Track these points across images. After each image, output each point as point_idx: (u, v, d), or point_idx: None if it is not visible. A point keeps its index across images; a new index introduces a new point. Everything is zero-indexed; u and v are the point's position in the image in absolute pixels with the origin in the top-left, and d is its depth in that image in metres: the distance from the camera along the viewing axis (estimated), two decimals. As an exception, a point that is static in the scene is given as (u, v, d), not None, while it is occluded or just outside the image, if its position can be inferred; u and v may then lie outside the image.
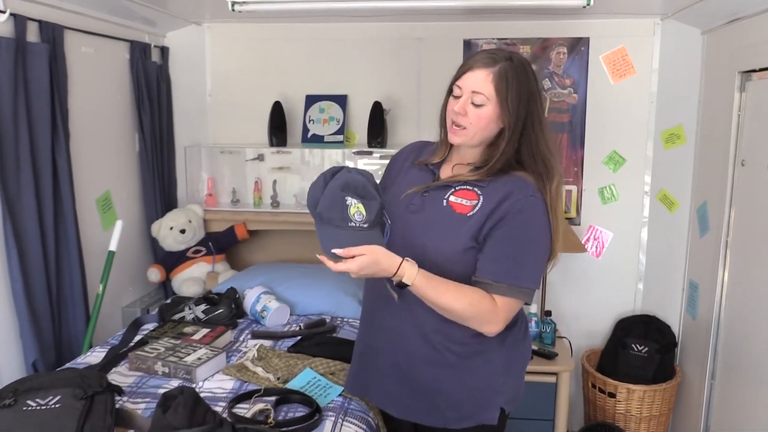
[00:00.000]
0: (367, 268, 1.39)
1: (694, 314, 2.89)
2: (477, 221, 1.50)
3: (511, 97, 1.47)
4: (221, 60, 3.31)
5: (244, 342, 2.34)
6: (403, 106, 3.18)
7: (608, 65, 3.05)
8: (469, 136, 1.52)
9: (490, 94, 1.47)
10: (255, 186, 3.25)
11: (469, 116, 1.50)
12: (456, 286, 1.48)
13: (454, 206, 1.53)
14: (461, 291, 1.47)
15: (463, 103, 1.50)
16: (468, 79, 1.50)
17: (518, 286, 1.48)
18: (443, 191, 1.56)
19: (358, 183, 1.43)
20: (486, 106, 1.48)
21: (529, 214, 1.49)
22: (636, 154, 3.09)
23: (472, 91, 1.48)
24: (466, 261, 1.52)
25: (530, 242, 1.50)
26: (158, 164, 3.10)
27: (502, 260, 1.48)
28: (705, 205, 2.79)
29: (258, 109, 3.19)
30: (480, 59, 1.50)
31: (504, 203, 1.48)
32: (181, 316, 2.49)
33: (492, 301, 1.47)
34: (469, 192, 1.54)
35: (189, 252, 3.03)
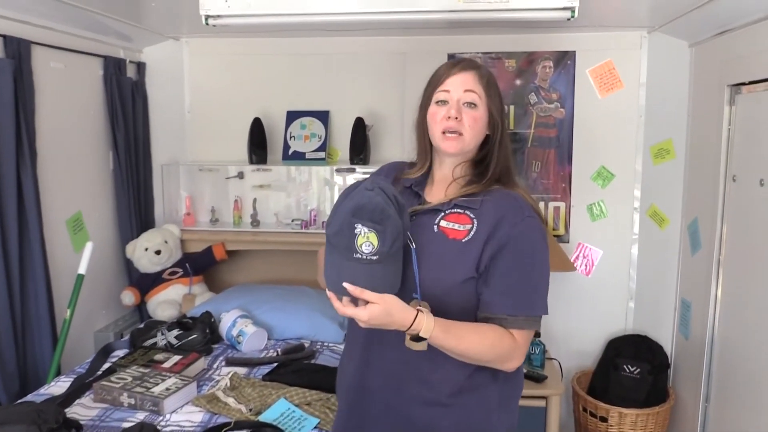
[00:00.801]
0: (377, 319, 1.26)
1: (687, 334, 2.80)
2: (475, 248, 1.38)
3: (495, 101, 1.44)
4: (200, 75, 3.23)
5: (217, 369, 2.24)
6: (387, 121, 3.10)
7: (595, 79, 2.99)
8: (465, 142, 1.42)
9: (482, 94, 1.42)
10: (235, 205, 3.16)
11: (465, 120, 1.41)
12: (474, 328, 1.36)
13: (447, 232, 1.41)
14: (480, 333, 1.36)
15: (455, 106, 1.41)
16: (457, 81, 1.42)
17: (534, 316, 1.39)
18: (432, 216, 1.44)
19: (375, 206, 1.24)
20: (479, 108, 1.42)
21: (530, 238, 1.39)
22: (625, 170, 3.01)
23: (465, 90, 1.41)
24: (466, 292, 1.40)
25: (536, 267, 1.41)
26: (134, 183, 3.01)
27: (513, 292, 1.38)
28: (696, 221, 2.72)
29: (238, 125, 3.10)
30: (456, 64, 1.45)
31: (501, 227, 1.38)
32: (153, 342, 2.39)
33: (511, 338, 1.36)
34: (461, 216, 1.42)
35: (165, 273, 2.92)
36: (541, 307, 1.41)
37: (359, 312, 1.26)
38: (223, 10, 2.30)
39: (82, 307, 2.71)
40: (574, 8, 2.16)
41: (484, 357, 1.36)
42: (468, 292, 1.41)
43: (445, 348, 1.34)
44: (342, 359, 1.60)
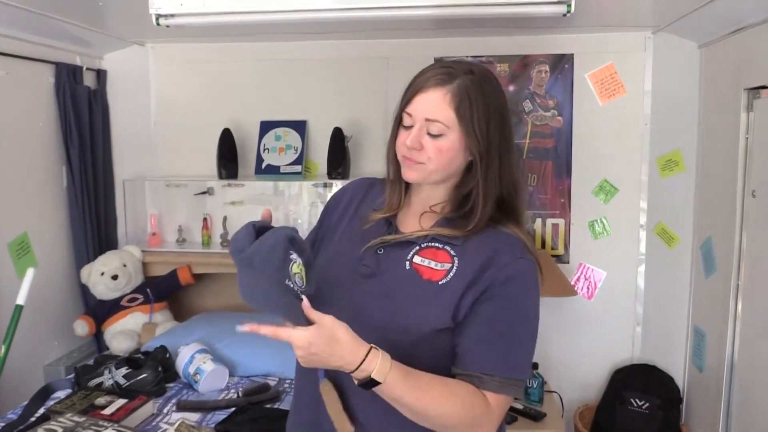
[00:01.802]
0: (319, 345, 1.00)
1: (701, 366, 2.52)
2: (453, 292, 1.12)
3: (479, 120, 1.12)
4: (167, 83, 2.98)
5: (167, 415, 1.96)
6: (369, 132, 2.85)
7: (595, 84, 2.73)
8: (428, 171, 1.15)
9: (450, 120, 1.11)
10: (204, 223, 2.90)
11: (427, 150, 1.14)
12: (440, 381, 1.10)
13: (421, 270, 1.16)
14: (448, 387, 1.10)
15: (416, 135, 1.13)
16: (419, 104, 1.13)
17: (513, 379, 1.12)
18: (404, 248, 1.19)
19: (304, 246, 1.08)
20: (447, 136, 1.12)
21: (520, 284, 1.13)
22: (629, 183, 2.75)
23: (426, 119, 1.12)
24: (438, 346, 1.14)
25: (523, 320, 1.15)
26: (92, 201, 2.75)
27: (492, 347, 1.12)
28: (710, 241, 2.44)
29: (208, 137, 2.84)
30: (432, 77, 1.13)
31: (488, 269, 1.12)
32: (99, 382, 2.11)
33: (484, 400, 1.10)
34: (439, 251, 1.17)
35: (124, 300, 2.65)
36: (524, 369, 1.14)
37: (297, 334, 0.99)
38: (176, 8, 2.05)
39: (30, 338, 2.46)
40: (570, 2, 1.91)
41: (449, 419, 1.08)
42: (440, 345, 1.14)
43: (402, 401, 1.06)
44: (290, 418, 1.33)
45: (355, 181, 1.39)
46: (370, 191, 1.34)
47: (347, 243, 1.25)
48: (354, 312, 1.13)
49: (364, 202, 1.32)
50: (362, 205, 1.32)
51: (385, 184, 1.30)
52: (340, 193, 1.38)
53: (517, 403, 2.50)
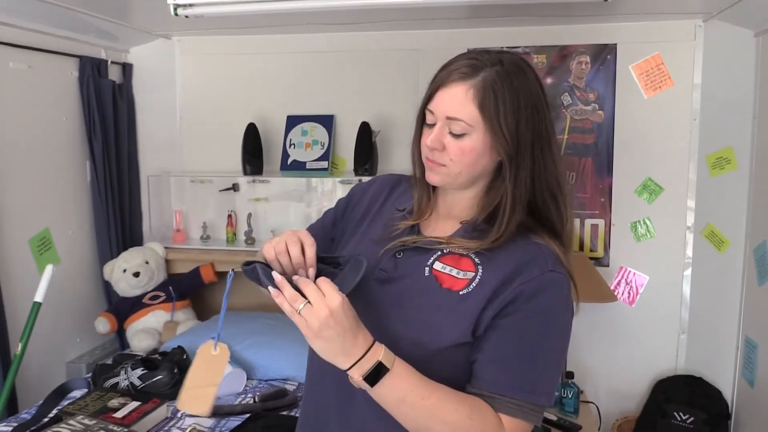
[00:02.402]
0: (340, 318, 0.91)
1: (752, 380, 2.33)
2: (475, 305, 1.01)
3: (506, 117, 0.99)
4: (193, 77, 2.92)
5: (180, 419, 1.89)
6: (398, 127, 2.73)
7: (640, 76, 2.55)
8: (452, 175, 1.05)
9: (474, 118, 1.00)
10: (228, 220, 2.83)
11: (449, 151, 1.03)
12: (449, 389, 0.99)
13: (441, 278, 1.05)
14: (458, 395, 0.99)
15: (437, 134, 1.02)
16: (441, 101, 1.02)
17: (533, 404, 0.99)
18: (425, 253, 1.08)
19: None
20: (470, 135, 1.01)
21: (548, 299, 1.01)
22: (676, 182, 2.56)
23: (447, 117, 1.01)
24: (455, 362, 1.03)
25: (549, 339, 1.02)
26: (116, 196, 2.71)
27: (511, 366, 1.00)
28: (765, 245, 2.25)
29: (234, 132, 2.77)
30: (455, 70, 1.02)
31: (514, 281, 1.00)
32: (115, 383, 2.06)
33: (498, 420, 0.98)
34: (462, 258, 1.05)
35: (146, 298, 2.60)
36: (545, 394, 1.01)
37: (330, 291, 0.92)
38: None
39: (53, 334, 2.44)
40: (611, -15, 1.77)
41: (456, 429, 0.96)
42: (457, 361, 1.03)
43: (406, 400, 0.95)
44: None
45: (381, 177, 1.28)
46: (395, 189, 1.23)
47: (367, 244, 1.15)
48: (366, 319, 1.01)
49: (388, 200, 1.22)
50: (386, 204, 1.21)
51: (411, 183, 1.18)
52: (365, 186, 1.27)
53: (550, 413, 2.36)
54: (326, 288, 0.92)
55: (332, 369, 0.96)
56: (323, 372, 1.10)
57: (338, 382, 1.03)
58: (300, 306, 0.91)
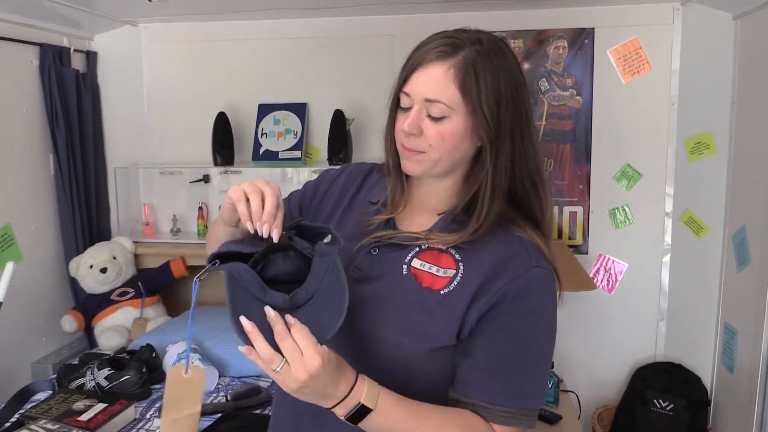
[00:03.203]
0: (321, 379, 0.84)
1: (732, 366, 2.32)
2: (457, 304, 0.96)
3: (488, 99, 0.93)
4: (161, 65, 2.82)
5: (149, 421, 1.82)
6: (373, 115, 2.66)
7: (618, 61, 2.51)
8: (431, 162, 0.98)
9: (454, 100, 0.93)
10: (199, 212, 2.75)
11: (427, 136, 0.96)
12: (438, 410, 0.95)
13: (420, 276, 0.99)
14: (449, 418, 0.94)
15: (414, 118, 0.95)
16: (418, 82, 0.95)
17: (526, 409, 0.96)
18: (402, 250, 1.01)
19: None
20: (450, 119, 0.94)
21: (534, 298, 0.96)
22: (654, 168, 2.54)
23: (426, 99, 0.94)
24: (439, 365, 0.98)
25: (538, 340, 0.97)
26: (82, 189, 2.60)
27: (503, 373, 0.95)
28: (743, 230, 2.24)
29: (204, 121, 2.68)
30: (433, 49, 0.95)
31: (498, 279, 0.95)
32: (80, 384, 1.98)
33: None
34: (442, 255, 0.99)
35: (114, 294, 2.52)
36: (537, 397, 0.97)
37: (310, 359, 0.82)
38: (158, -21, 1.89)
39: (17, 334, 2.35)
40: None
41: None
42: (439, 366, 0.98)
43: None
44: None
45: (351, 166, 1.21)
46: (367, 179, 1.16)
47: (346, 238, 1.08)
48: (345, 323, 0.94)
49: (360, 192, 1.15)
50: (358, 197, 1.14)
51: (383, 172, 1.12)
52: (334, 175, 1.19)
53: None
54: (305, 344, 0.82)
55: None
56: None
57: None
58: (277, 367, 0.83)
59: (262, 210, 0.89)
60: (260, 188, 0.91)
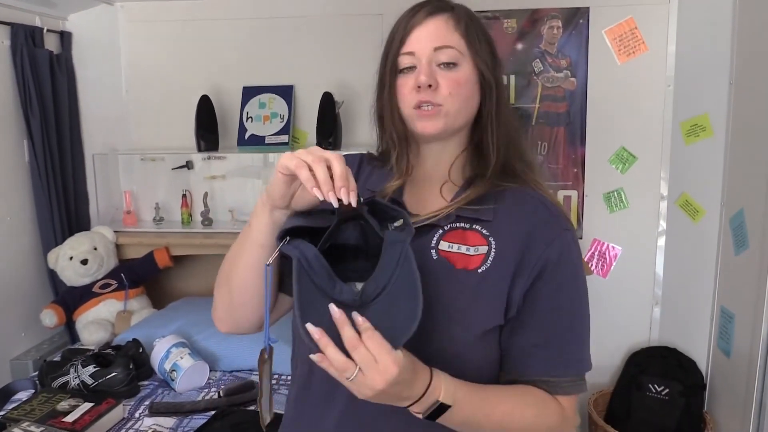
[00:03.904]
0: (403, 376, 0.78)
1: (729, 350, 2.31)
2: (499, 281, 0.92)
3: (483, 50, 0.98)
4: (139, 47, 2.70)
5: (139, 420, 1.74)
6: (363, 97, 2.58)
7: (613, 41, 2.46)
8: (450, 116, 0.95)
9: (461, 45, 0.96)
10: (183, 200, 2.64)
11: (444, 85, 0.94)
12: (510, 392, 0.93)
13: (452, 258, 0.94)
14: (518, 397, 0.93)
15: (427, 69, 0.93)
16: (422, 36, 0.95)
17: (581, 375, 0.97)
18: (424, 235, 0.96)
19: None
20: (461, 66, 0.96)
21: (570, 262, 0.94)
22: (650, 151, 2.50)
23: (436, 47, 0.94)
24: (487, 349, 0.95)
25: (581, 303, 0.97)
26: (59, 177, 2.49)
27: (558, 344, 0.94)
28: (741, 213, 2.21)
29: (187, 105, 2.56)
30: (423, 9, 0.97)
31: (532, 248, 0.92)
32: (64, 382, 1.89)
33: (559, 406, 0.95)
34: (467, 233, 0.95)
35: (96, 287, 2.42)
36: (588, 360, 0.98)
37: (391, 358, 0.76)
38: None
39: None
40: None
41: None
42: (489, 349, 0.96)
43: (470, 423, 0.88)
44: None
45: (346, 156, 1.14)
46: (360, 171, 1.09)
47: None
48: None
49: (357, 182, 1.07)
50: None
51: (373, 163, 1.07)
52: None
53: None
54: (379, 352, 0.75)
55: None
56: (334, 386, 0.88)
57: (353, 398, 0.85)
58: (351, 375, 0.76)
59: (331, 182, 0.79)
60: (322, 155, 0.81)
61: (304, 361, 1.01)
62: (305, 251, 0.78)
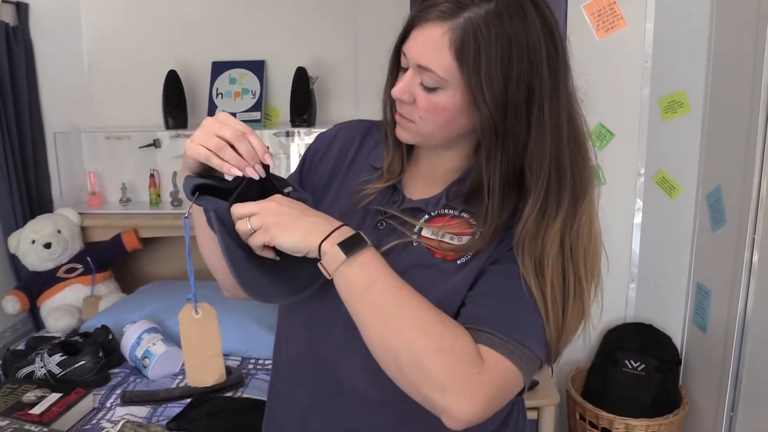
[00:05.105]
0: (280, 212, 0.82)
1: (704, 326, 2.33)
2: (473, 272, 0.86)
3: (489, 71, 0.78)
4: (102, 18, 2.58)
5: (111, 410, 1.67)
6: (338, 72, 2.51)
7: (591, 16, 2.42)
8: (422, 133, 0.87)
9: (448, 69, 0.80)
10: (151, 180, 2.55)
11: (419, 106, 0.84)
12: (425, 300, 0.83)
13: (432, 246, 0.88)
14: (434, 309, 0.81)
15: (405, 84, 0.84)
16: (413, 44, 0.83)
17: (519, 343, 0.81)
18: (411, 220, 0.91)
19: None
20: (444, 91, 0.82)
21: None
22: (627, 128, 2.47)
23: (418, 65, 0.82)
24: None
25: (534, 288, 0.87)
26: (18, 157, 2.36)
27: (494, 302, 0.84)
28: (719, 190, 2.21)
29: (153, 80, 2.47)
30: (435, 6, 0.80)
31: (508, 234, 0.87)
32: (30, 371, 1.81)
33: (473, 346, 0.79)
34: (455, 221, 0.89)
35: (60, 271, 2.32)
36: (531, 336, 0.83)
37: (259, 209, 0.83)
38: None
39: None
40: None
41: (422, 341, 0.77)
42: None
43: (377, 285, 0.79)
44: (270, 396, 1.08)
45: (347, 124, 1.07)
46: (366, 139, 1.03)
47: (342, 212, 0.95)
48: None
49: (359, 155, 1.02)
50: (357, 161, 1.01)
51: (384, 131, 0.99)
52: (328, 137, 1.06)
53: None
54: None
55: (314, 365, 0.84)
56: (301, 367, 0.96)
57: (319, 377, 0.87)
58: (248, 226, 0.82)
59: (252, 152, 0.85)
60: (237, 128, 0.85)
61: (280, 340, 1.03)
62: (219, 206, 0.84)
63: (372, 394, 0.91)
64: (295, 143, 2.50)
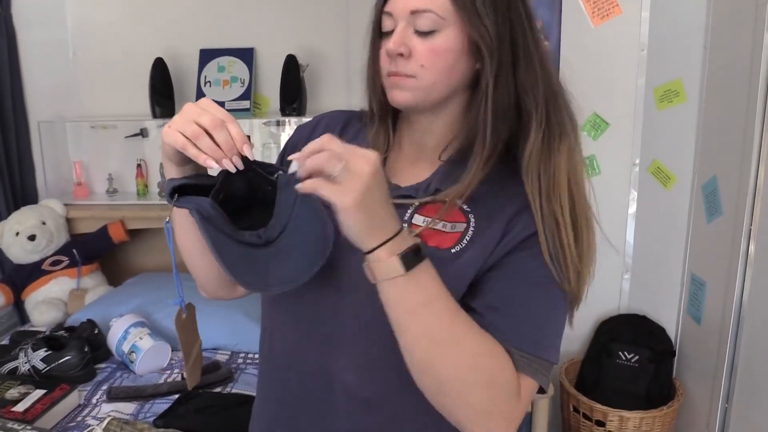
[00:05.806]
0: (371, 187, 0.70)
1: (699, 318, 2.31)
2: (472, 262, 0.83)
3: (484, 4, 0.80)
4: (88, 5, 2.53)
5: (96, 407, 1.64)
6: (328, 60, 2.47)
7: (587, 3, 2.38)
8: (424, 88, 0.83)
9: (445, 7, 0.80)
10: (138, 170, 2.50)
11: (418, 55, 0.82)
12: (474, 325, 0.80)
13: (424, 235, 0.85)
14: (482, 333, 0.79)
15: (400, 35, 0.82)
16: None
17: (543, 360, 0.82)
18: (400, 208, 0.87)
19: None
20: (442, 32, 0.81)
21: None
22: (622, 117, 2.44)
23: (411, 11, 0.81)
24: None
25: (552, 286, 0.85)
26: (1, 148, 2.32)
27: (516, 314, 0.81)
28: (714, 180, 2.19)
29: (140, 68, 2.43)
30: None
31: (514, 225, 0.83)
32: (13, 367, 1.76)
33: (517, 378, 0.79)
34: (450, 211, 0.86)
35: (45, 264, 2.28)
36: (553, 347, 0.86)
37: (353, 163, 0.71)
38: None
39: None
40: None
41: (470, 376, 0.76)
42: None
43: (434, 306, 0.75)
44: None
45: (326, 115, 1.04)
46: (347, 130, 1.00)
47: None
48: (343, 297, 0.85)
49: None
50: None
51: (364, 121, 0.97)
52: (309, 126, 1.03)
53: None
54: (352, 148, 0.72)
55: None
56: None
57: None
58: (337, 168, 0.69)
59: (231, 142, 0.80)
60: (217, 116, 0.81)
61: (264, 336, 1.00)
62: (201, 203, 0.79)
63: (363, 393, 0.88)
64: (286, 133, 2.46)
